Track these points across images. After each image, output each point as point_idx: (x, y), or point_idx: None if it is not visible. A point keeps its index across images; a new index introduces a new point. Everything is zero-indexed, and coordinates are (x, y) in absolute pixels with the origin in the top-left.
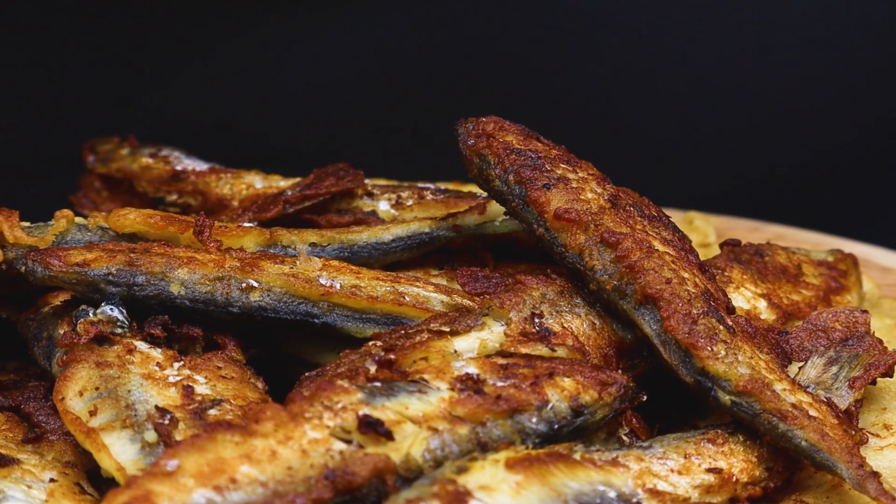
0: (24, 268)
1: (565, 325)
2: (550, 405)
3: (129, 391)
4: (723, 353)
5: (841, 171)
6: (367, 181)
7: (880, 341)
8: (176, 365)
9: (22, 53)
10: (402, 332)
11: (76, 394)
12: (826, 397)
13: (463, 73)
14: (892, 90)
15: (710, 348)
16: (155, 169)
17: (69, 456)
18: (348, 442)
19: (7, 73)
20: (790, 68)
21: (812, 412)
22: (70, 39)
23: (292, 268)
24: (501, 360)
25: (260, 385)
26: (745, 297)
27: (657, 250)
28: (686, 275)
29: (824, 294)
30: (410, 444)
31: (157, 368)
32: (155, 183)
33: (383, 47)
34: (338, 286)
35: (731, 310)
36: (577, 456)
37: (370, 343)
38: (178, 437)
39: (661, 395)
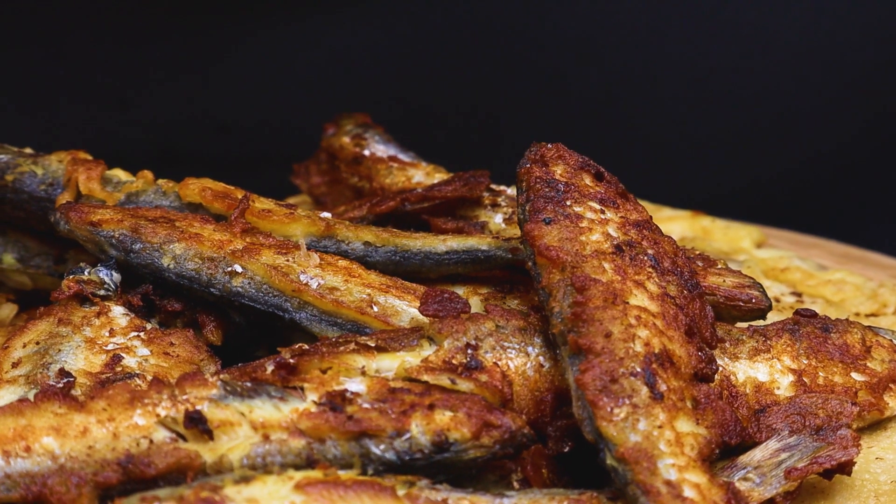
0: (52, 218)
1: (502, 361)
2: (408, 435)
3: (59, 350)
4: (622, 416)
5: (851, 173)
6: (509, 189)
7: (858, 438)
8: (131, 334)
9: (22, 52)
10: (335, 340)
11: (21, 345)
12: (756, 483)
13: (465, 74)
14: None
15: (609, 409)
16: (346, 149)
17: None
18: (173, 433)
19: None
20: (793, 69)
21: (690, 493)
22: (70, 39)
23: (288, 260)
24: (399, 384)
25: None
26: (773, 370)
27: (626, 303)
28: (643, 333)
29: (880, 381)
30: (232, 448)
31: (106, 334)
32: (342, 163)
33: (383, 49)
34: (314, 285)
35: (704, 378)
36: (401, 490)
37: (296, 346)
38: None
39: None
